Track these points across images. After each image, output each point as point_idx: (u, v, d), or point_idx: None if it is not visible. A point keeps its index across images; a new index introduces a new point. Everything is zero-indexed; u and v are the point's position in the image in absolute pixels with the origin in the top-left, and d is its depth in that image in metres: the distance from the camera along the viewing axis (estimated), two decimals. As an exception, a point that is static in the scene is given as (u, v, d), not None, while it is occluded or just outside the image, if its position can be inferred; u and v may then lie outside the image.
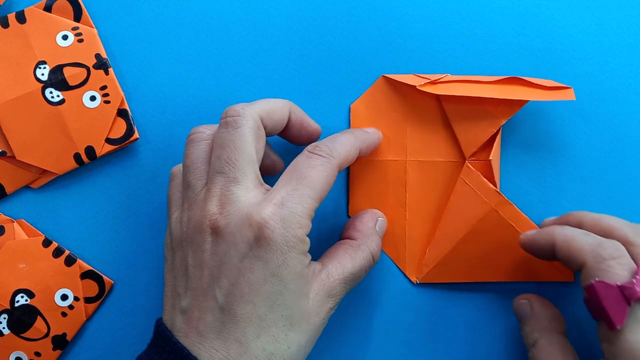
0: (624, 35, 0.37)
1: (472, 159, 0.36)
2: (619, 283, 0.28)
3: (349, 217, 0.37)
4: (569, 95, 0.35)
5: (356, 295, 0.37)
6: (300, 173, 0.30)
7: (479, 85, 0.36)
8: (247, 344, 0.28)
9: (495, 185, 0.36)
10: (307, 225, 0.30)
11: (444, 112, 0.36)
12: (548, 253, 0.32)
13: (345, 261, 0.32)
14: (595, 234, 0.31)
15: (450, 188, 0.37)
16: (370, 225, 0.35)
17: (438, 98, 0.37)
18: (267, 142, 0.34)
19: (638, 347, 0.28)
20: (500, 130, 0.36)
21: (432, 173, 0.37)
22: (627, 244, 0.30)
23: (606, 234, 0.31)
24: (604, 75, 0.37)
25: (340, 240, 0.34)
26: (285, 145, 0.37)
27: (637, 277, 0.28)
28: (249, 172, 0.30)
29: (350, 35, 0.38)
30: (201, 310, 0.29)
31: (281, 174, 0.31)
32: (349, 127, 0.37)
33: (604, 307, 0.28)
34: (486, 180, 0.36)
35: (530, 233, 0.34)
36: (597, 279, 0.29)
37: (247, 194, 0.30)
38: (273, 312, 0.29)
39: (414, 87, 0.36)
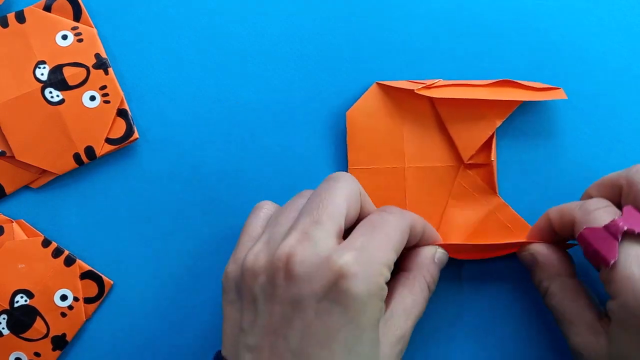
0: (620, 33, 0.38)
1: (470, 162, 0.36)
2: (603, 224, 0.30)
3: None
4: (560, 94, 0.35)
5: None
6: (375, 225, 0.30)
7: (472, 89, 0.36)
8: None
9: (494, 187, 0.36)
10: (386, 273, 0.29)
11: (439, 116, 0.37)
12: (552, 234, 0.34)
13: (405, 297, 0.32)
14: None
15: (449, 193, 0.37)
16: (427, 255, 0.34)
17: (433, 103, 0.37)
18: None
19: (633, 277, 0.28)
20: (495, 132, 0.36)
21: (431, 178, 0.37)
22: (620, 190, 0.32)
23: (606, 190, 0.33)
24: (598, 73, 0.37)
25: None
26: (285, 144, 0.37)
27: (621, 216, 0.29)
28: (335, 221, 0.29)
29: (342, 42, 0.38)
30: (272, 352, 0.28)
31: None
32: (345, 134, 0.37)
33: (596, 249, 0.29)
34: (483, 183, 0.36)
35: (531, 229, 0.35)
36: (585, 227, 0.30)
37: (327, 238, 0.29)
38: (350, 358, 0.28)
39: (408, 92, 0.36)
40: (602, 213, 0.30)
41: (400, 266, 0.34)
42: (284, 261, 0.28)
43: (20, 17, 0.37)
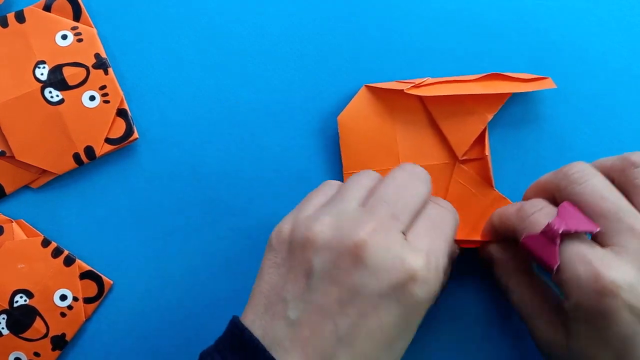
0: (618, 31, 0.38)
1: (465, 157, 0.37)
2: (540, 230, 0.29)
3: None
4: (549, 84, 0.36)
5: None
6: (435, 224, 0.30)
7: (461, 84, 0.36)
8: None
9: (490, 181, 0.36)
10: (443, 281, 0.29)
11: (430, 114, 0.37)
12: (500, 235, 0.34)
13: None
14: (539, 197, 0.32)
15: (446, 190, 0.37)
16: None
17: (423, 102, 0.37)
18: None
19: (578, 277, 0.28)
20: (487, 126, 0.36)
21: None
22: (555, 190, 0.31)
23: (542, 191, 0.32)
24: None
25: None
26: (282, 141, 0.37)
27: (555, 219, 0.29)
28: (410, 219, 0.29)
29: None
30: (315, 332, 0.27)
31: None
32: (337, 140, 0.37)
33: (537, 256, 0.29)
34: (479, 178, 0.36)
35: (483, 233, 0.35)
36: (524, 235, 0.30)
37: (400, 235, 0.28)
38: (387, 355, 0.28)
39: (398, 93, 0.36)
40: (538, 217, 0.30)
41: None
42: (356, 246, 0.27)
43: (20, 17, 0.37)
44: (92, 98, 0.37)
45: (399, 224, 0.29)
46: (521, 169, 0.37)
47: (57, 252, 0.37)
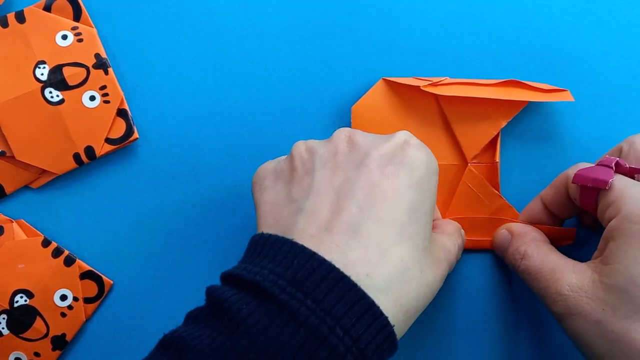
0: (624, 35, 0.38)
1: (474, 161, 0.36)
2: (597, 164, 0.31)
3: None
4: (567, 96, 0.35)
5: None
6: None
7: (478, 87, 0.36)
8: (387, 249, 0.26)
9: (497, 188, 0.36)
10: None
11: (444, 114, 0.37)
12: (543, 214, 0.35)
13: (445, 240, 0.32)
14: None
15: (453, 191, 0.37)
16: (454, 228, 0.34)
17: (438, 101, 0.37)
18: None
19: (630, 188, 0.29)
20: (500, 132, 0.36)
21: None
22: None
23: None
24: (604, 76, 0.37)
25: None
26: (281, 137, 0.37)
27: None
28: None
29: (351, 37, 0.38)
30: (333, 211, 0.27)
31: None
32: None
33: (594, 177, 0.30)
34: (488, 184, 0.36)
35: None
36: (577, 170, 0.32)
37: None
38: (413, 223, 0.27)
39: (414, 89, 0.36)
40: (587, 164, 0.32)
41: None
42: (347, 136, 0.30)
43: (20, 17, 0.37)
44: (92, 98, 0.37)
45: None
46: (530, 179, 0.37)
47: (57, 252, 0.37)
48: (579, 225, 0.37)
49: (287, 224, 0.27)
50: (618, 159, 0.31)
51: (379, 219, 0.27)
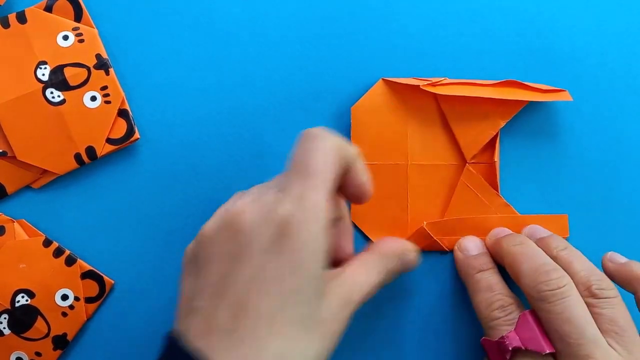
0: (623, 35, 0.38)
1: (473, 161, 0.37)
2: (495, 339, 0.32)
3: (353, 223, 0.37)
4: (566, 96, 0.36)
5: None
6: (302, 164, 0.29)
7: (477, 87, 0.36)
8: (262, 343, 0.26)
9: (496, 187, 0.36)
10: (328, 218, 0.28)
11: (443, 114, 0.37)
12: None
13: (359, 273, 0.31)
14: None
15: (452, 191, 0.37)
16: (394, 250, 0.33)
17: (437, 101, 0.37)
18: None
19: None
20: (499, 132, 0.36)
21: (433, 176, 0.37)
22: (526, 287, 0.33)
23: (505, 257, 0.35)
24: (603, 76, 0.38)
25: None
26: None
27: (511, 332, 0.32)
28: (282, 174, 0.30)
29: (350, 37, 0.38)
30: (216, 307, 0.27)
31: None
32: (349, 130, 0.37)
33: (490, 358, 0.33)
34: (486, 183, 0.36)
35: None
36: (482, 337, 0.34)
37: (267, 192, 0.29)
38: (289, 310, 0.27)
39: (413, 90, 0.36)
40: (502, 324, 0.33)
41: (368, 246, 0.33)
42: (232, 220, 0.29)
43: (22, 18, 0.37)
44: (93, 98, 0.37)
45: (273, 184, 0.29)
46: (529, 179, 0.37)
47: (58, 252, 0.37)
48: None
49: (187, 323, 0.28)
50: (509, 342, 0.32)
51: (252, 315, 0.27)
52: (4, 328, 0.36)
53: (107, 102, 0.37)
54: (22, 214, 0.37)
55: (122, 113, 0.37)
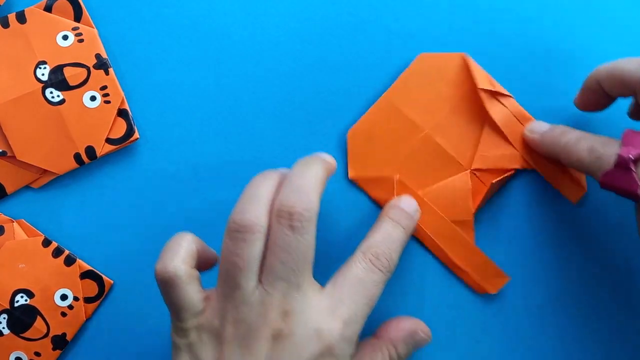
0: (624, 35, 0.38)
1: (476, 172, 0.36)
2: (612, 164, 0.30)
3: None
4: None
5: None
6: (366, 289, 0.30)
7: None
8: None
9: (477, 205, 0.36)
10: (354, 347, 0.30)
11: (485, 120, 0.36)
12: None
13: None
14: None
15: (438, 180, 0.37)
16: (405, 330, 0.33)
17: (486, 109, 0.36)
18: None
19: None
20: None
21: (437, 157, 0.37)
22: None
23: (619, 83, 0.32)
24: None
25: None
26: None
27: (622, 148, 0.30)
28: (308, 277, 0.29)
29: (350, 37, 0.38)
30: None
31: None
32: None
33: (621, 188, 0.30)
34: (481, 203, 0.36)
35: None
36: (601, 174, 0.31)
37: (310, 302, 0.29)
38: None
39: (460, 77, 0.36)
40: (608, 154, 0.31)
41: (377, 331, 0.33)
42: (270, 333, 0.29)
43: (21, 18, 0.37)
44: (93, 98, 0.37)
45: (302, 292, 0.29)
46: (529, 179, 0.37)
47: (57, 252, 0.37)
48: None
49: None
50: (626, 153, 0.30)
51: None
52: (3, 328, 0.36)
53: (107, 102, 0.37)
54: (21, 214, 0.38)
55: (122, 113, 0.37)
